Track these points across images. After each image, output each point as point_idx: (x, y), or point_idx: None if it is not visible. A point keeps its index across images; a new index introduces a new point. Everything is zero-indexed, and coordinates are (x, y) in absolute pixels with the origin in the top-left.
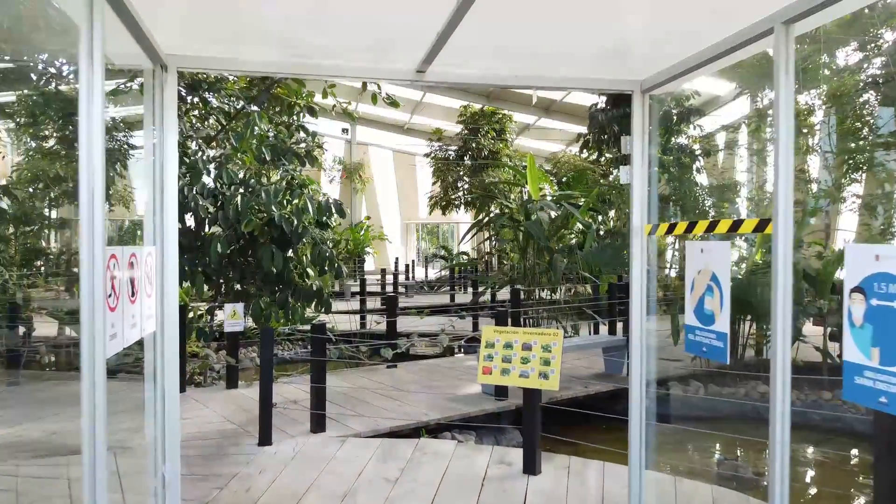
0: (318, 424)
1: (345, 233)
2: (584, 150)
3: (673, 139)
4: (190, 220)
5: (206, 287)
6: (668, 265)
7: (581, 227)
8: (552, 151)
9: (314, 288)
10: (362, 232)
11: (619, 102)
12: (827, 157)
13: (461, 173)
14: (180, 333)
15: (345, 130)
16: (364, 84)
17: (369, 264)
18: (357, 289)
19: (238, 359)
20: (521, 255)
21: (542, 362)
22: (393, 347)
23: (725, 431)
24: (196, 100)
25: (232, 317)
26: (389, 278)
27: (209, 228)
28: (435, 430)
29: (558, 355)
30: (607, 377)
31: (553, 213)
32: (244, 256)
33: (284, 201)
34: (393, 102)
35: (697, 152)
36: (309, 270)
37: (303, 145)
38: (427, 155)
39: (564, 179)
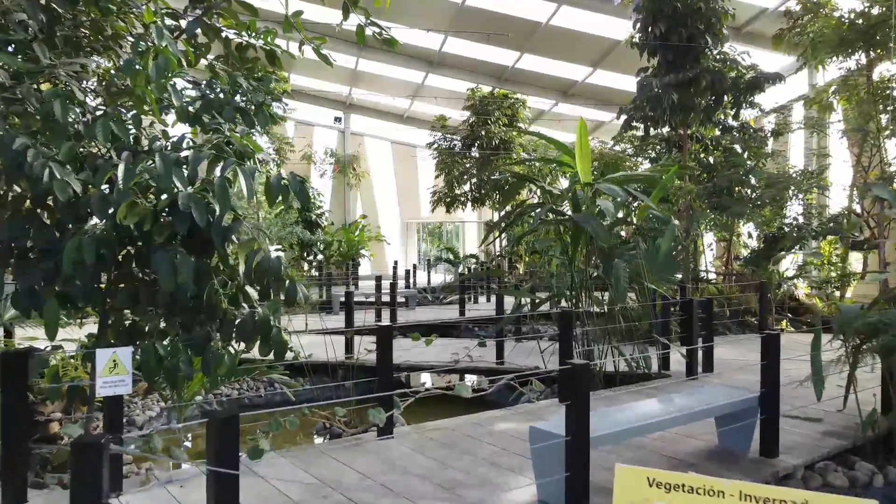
0: None
1: (337, 233)
2: (626, 131)
3: None
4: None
5: (76, 317)
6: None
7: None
8: (571, 141)
9: (257, 318)
10: (357, 232)
11: (678, 65)
12: None
13: (468, 166)
14: (16, 395)
15: (337, 119)
16: (345, 6)
17: (365, 268)
18: (356, 298)
19: (122, 440)
20: (567, 260)
21: None
22: (387, 407)
23: None
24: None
25: (109, 371)
26: (385, 285)
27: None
28: None
29: None
30: (726, 456)
31: (614, 202)
32: (144, 267)
33: (214, 177)
34: (390, 40)
35: None
36: (250, 290)
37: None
38: (430, 145)
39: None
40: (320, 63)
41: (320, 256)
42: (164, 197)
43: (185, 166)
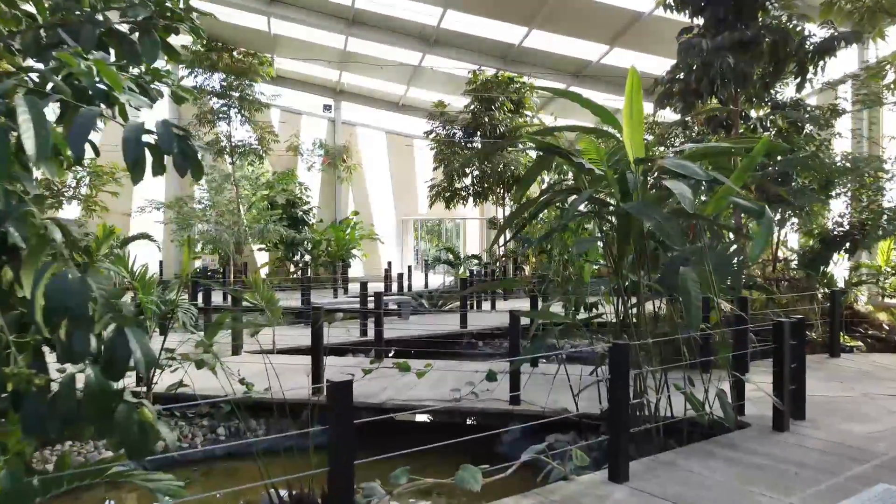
0: None
1: (326, 231)
2: (661, 108)
3: None
4: None
5: None
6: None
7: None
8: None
9: (88, 388)
10: (348, 230)
11: (732, 21)
12: None
13: (470, 157)
14: None
15: (327, 107)
16: None
17: (357, 270)
18: (344, 305)
19: None
20: (612, 267)
21: None
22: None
23: None
24: None
25: None
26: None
27: None
28: None
29: None
30: None
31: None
32: None
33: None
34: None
35: None
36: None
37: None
38: (427, 134)
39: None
40: (307, 45)
41: (307, 257)
42: None
43: None
